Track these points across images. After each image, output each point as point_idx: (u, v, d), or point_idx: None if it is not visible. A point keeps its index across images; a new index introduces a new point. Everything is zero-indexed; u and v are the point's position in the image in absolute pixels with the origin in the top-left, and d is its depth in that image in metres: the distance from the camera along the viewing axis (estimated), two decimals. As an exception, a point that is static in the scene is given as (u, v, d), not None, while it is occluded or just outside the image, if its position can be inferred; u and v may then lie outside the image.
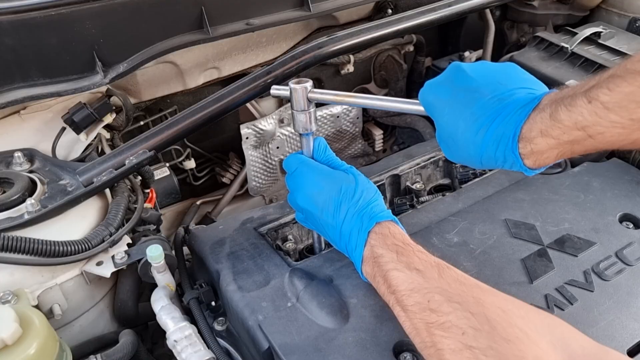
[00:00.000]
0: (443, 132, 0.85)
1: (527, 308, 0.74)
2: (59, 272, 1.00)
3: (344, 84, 1.86)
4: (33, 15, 1.16)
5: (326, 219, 0.96)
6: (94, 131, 1.28)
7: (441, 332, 0.73)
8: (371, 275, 0.91)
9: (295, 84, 0.97)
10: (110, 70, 1.26)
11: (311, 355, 0.88)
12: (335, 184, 0.96)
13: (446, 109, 0.84)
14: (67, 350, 0.91)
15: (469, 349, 0.69)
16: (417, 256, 0.85)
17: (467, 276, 0.80)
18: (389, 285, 0.85)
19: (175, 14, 1.31)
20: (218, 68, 1.52)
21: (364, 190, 0.95)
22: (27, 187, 1.08)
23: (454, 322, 0.72)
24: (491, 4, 1.55)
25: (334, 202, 0.94)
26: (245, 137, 1.63)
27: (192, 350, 0.95)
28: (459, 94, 0.82)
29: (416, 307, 0.78)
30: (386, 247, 0.88)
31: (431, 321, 0.75)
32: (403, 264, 0.84)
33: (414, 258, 0.84)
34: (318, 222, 1.00)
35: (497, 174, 1.29)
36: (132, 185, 1.22)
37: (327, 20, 1.65)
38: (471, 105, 0.80)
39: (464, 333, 0.70)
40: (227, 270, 1.07)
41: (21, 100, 1.19)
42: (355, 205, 0.93)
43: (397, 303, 0.83)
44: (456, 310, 0.73)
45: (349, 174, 0.99)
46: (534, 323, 0.71)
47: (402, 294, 0.81)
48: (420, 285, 0.80)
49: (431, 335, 0.75)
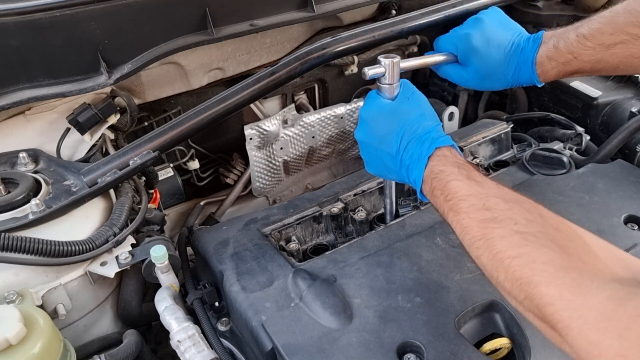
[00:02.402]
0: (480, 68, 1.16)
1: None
2: (63, 272, 1.00)
3: (348, 84, 1.85)
4: (38, 16, 1.16)
5: (387, 150, 1.00)
6: (98, 132, 1.28)
7: (493, 224, 0.77)
8: (429, 192, 0.93)
9: (387, 59, 1.01)
10: (115, 71, 1.26)
11: (314, 356, 0.88)
12: (397, 117, 1.00)
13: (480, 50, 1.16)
14: (71, 350, 0.91)
15: (519, 234, 0.73)
16: (476, 171, 0.90)
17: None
18: (447, 195, 0.87)
19: (180, 15, 1.31)
20: (222, 69, 1.52)
21: (424, 120, 0.99)
22: (32, 188, 1.09)
23: (507, 215, 0.77)
24: (495, 5, 1.55)
25: (395, 133, 0.98)
26: (249, 138, 1.63)
27: (196, 351, 0.95)
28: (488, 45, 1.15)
29: (471, 209, 0.82)
30: (447, 164, 0.92)
31: (485, 217, 0.79)
32: (463, 175, 0.88)
33: (473, 172, 0.89)
34: (379, 156, 1.03)
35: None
36: (136, 186, 1.22)
37: (331, 21, 1.65)
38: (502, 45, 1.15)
39: (516, 223, 0.75)
40: (231, 270, 1.07)
41: (26, 101, 1.19)
42: (415, 134, 0.97)
43: (452, 209, 0.86)
44: (512, 208, 0.78)
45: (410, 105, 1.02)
46: (593, 237, 0.75)
47: (458, 199, 0.85)
48: (478, 191, 0.84)
49: (482, 229, 0.78)
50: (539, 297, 0.67)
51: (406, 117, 0.99)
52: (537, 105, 1.72)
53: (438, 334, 0.91)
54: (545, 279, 0.67)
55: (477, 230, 0.79)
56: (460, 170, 0.89)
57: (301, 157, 1.79)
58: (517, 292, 0.71)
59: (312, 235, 1.26)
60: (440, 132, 0.98)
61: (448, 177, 0.89)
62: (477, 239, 0.78)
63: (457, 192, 0.86)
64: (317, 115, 1.74)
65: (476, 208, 0.82)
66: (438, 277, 1.02)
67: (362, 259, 1.07)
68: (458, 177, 0.88)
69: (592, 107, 1.52)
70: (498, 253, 0.74)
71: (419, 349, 0.89)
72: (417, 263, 1.05)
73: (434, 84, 1.98)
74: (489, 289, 0.98)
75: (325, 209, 1.25)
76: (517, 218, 0.76)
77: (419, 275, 1.02)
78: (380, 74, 1.02)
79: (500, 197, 0.81)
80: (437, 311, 0.95)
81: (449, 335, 0.91)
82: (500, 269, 0.74)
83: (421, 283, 1.01)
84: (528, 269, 0.70)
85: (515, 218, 0.76)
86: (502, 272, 0.73)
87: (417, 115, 0.99)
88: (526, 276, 0.69)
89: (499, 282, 0.75)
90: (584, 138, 1.45)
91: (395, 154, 0.99)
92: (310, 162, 1.87)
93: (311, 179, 1.91)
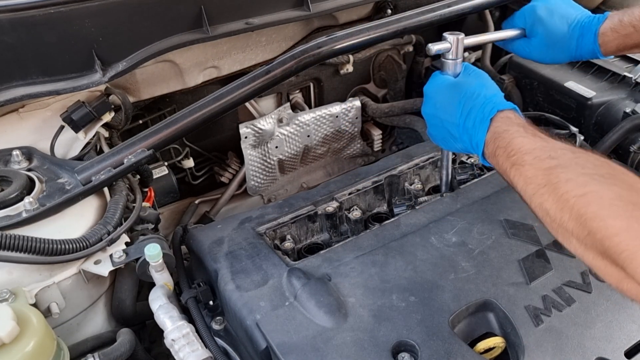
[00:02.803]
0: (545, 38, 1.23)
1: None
2: (57, 271, 1.00)
3: (343, 84, 1.86)
4: (32, 13, 1.15)
5: (451, 120, 1.02)
6: (92, 130, 1.28)
7: (559, 169, 0.76)
8: (491, 153, 0.92)
9: (452, 35, 1.06)
10: (109, 69, 1.25)
11: (309, 355, 0.88)
12: (460, 88, 1.03)
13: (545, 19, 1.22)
14: (65, 349, 0.91)
15: (587, 175, 0.73)
16: (541, 130, 0.89)
17: None
18: (510, 151, 0.86)
19: (175, 13, 1.30)
20: (217, 67, 1.52)
21: (486, 89, 1.00)
22: (25, 186, 1.08)
23: (574, 162, 0.76)
24: (491, 5, 1.55)
25: (458, 102, 1.00)
26: (244, 137, 1.63)
27: (190, 350, 0.95)
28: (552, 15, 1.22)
29: (535, 160, 0.81)
30: (510, 125, 0.91)
31: (550, 165, 0.78)
32: (528, 133, 0.88)
33: (538, 132, 0.88)
34: (445, 127, 1.04)
35: (495, 175, 1.29)
36: (130, 184, 1.21)
37: (327, 20, 1.65)
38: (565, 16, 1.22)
39: (584, 167, 0.75)
40: (225, 269, 1.07)
41: (20, 99, 1.18)
42: (477, 101, 0.98)
43: (515, 164, 0.85)
44: (579, 156, 0.77)
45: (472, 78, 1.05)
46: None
47: (523, 153, 0.84)
48: (543, 145, 0.83)
49: (547, 175, 0.77)
50: (605, 229, 0.67)
51: (468, 87, 1.01)
52: (532, 105, 1.72)
53: (432, 333, 0.91)
54: (613, 212, 0.67)
55: (541, 178, 0.78)
56: (525, 129, 0.89)
57: (296, 155, 1.79)
58: (580, 229, 0.70)
59: (307, 234, 1.26)
60: (502, 99, 0.98)
61: (512, 135, 0.89)
62: (542, 185, 0.77)
63: (522, 147, 0.85)
64: (312, 114, 1.74)
65: (541, 159, 0.80)
66: (432, 276, 1.02)
67: (357, 258, 1.08)
68: (522, 135, 0.88)
69: (586, 107, 1.53)
70: (563, 194, 0.74)
71: (414, 348, 0.89)
72: (412, 262, 1.05)
73: (429, 83, 1.99)
74: (483, 288, 0.99)
75: (320, 208, 1.25)
76: (584, 164, 0.75)
77: (414, 275, 1.03)
78: (445, 49, 1.06)
79: (567, 149, 0.80)
80: (431, 310, 0.95)
81: (443, 335, 0.91)
82: (565, 209, 0.73)
83: (416, 282, 1.01)
84: (595, 205, 0.69)
85: (582, 164, 0.75)
86: (567, 212, 0.73)
87: (478, 85, 1.01)
88: (592, 211, 0.69)
89: (562, 223, 0.74)
90: (578, 138, 1.45)
91: (459, 121, 1.00)
92: (306, 161, 1.87)
93: (306, 177, 1.91)
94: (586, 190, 0.71)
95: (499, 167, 0.90)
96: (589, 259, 0.72)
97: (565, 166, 0.76)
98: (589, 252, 0.71)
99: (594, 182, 0.72)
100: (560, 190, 0.74)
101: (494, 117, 0.93)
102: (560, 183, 0.74)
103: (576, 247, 0.73)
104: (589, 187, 0.71)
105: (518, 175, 0.83)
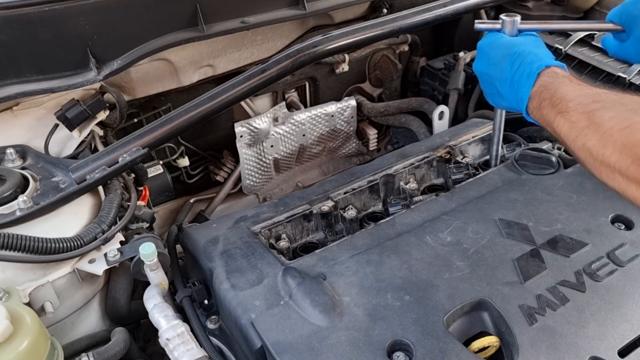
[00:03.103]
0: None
1: None
2: (51, 270, 1.00)
3: (339, 83, 1.86)
4: (26, 11, 1.15)
5: (500, 76, 1.04)
6: (87, 128, 1.27)
7: (602, 111, 0.77)
8: (536, 107, 0.93)
9: (507, 17, 1.08)
10: (104, 67, 1.25)
11: (304, 354, 0.88)
12: (512, 46, 1.04)
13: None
14: (59, 348, 0.91)
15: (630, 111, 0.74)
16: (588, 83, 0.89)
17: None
18: (555, 101, 0.87)
19: (170, 12, 1.30)
20: (212, 66, 1.52)
21: (537, 49, 1.02)
22: (19, 184, 1.08)
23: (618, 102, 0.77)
24: (486, 5, 1.56)
25: (509, 57, 1.02)
26: (239, 136, 1.63)
27: (185, 349, 0.95)
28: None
29: (579, 106, 0.82)
30: (557, 77, 0.92)
31: (593, 108, 0.79)
32: (574, 83, 0.89)
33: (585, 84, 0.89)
34: (493, 83, 1.07)
35: (490, 175, 1.29)
36: (125, 183, 1.21)
37: (322, 19, 1.65)
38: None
39: (627, 105, 0.75)
40: (220, 268, 1.07)
41: (14, 97, 1.18)
42: (527, 58, 0.99)
43: (559, 112, 0.85)
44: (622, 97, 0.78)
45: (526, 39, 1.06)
46: None
47: (567, 101, 0.85)
48: (587, 93, 0.84)
49: (591, 117, 0.78)
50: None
51: (521, 45, 1.02)
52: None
53: (427, 332, 0.91)
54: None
55: (585, 121, 0.79)
56: (570, 79, 0.90)
57: (292, 155, 1.79)
58: (624, 159, 0.71)
59: (302, 233, 1.26)
60: (551, 57, 0.99)
61: (557, 85, 0.89)
62: (585, 127, 0.78)
63: (566, 95, 0.86)
64: (307, 113, 1.74)
65: (585, 104, 0.81)
66: (427, 275, 1.02)
67: (352, 257, 1.08)
68: (567, 84, 0.88)
69: (581, 108, 1.53)
70: (607, 130, 0.74)
71: (408, 347, 0.89)
72: (407, 261, 1.05)
73: (425, 82, 1.99)
74: (477, 287, 0.99)
75: (315, 207, 1.25)
76: (627, 102, 0.76)
77: (409, 274, 1.03)
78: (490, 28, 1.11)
79: (611, 93, 0.81)
80: (426, 309, 0.95)
81: (437, 334, 0.91)
82: (608, 144, 0.74)
83: (410, 281, 1.01)
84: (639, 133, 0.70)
85: (625, 102, 0.76)
86: (610, 146, 0.73)
87: (531, 44, 1.03)
88: (636, 139, 0.70)
89: (604, 160, 0.74)
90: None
91: (507, 75, 1.01)
92: (301, 160, 1.87)
93: (301, 177, 1.92)
94: (630, 122, 0.72)
95: (543, 119, 0.91)
96: (632, 191, 0.72)
97: (609, 107, 0.77)
98: (632, 184, 0.72)
99: (637, 115, 0.72)
100: (604, 127, 0.75)
101: (541, 72, 0.95)
102: (604, 121, 0.76)
103: (619, 182, 0.74)
104: (633, 119, 0.72)
105: (562, 122, 0.84)
